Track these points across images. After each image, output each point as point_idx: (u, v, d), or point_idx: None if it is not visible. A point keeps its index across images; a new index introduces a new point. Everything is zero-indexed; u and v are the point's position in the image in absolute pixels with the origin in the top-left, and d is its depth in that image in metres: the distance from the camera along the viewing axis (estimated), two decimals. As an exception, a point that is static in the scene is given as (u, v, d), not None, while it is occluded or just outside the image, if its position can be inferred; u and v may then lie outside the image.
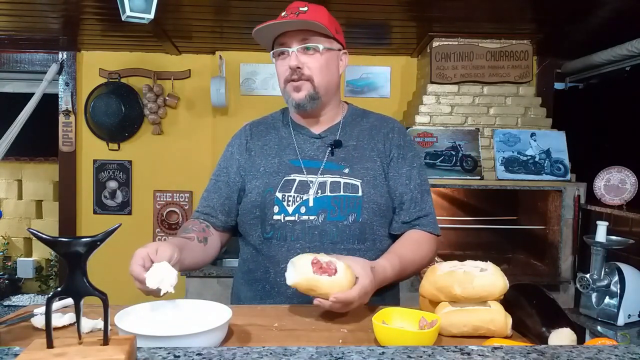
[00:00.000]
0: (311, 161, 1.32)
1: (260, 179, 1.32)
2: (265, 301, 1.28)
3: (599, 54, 2.96)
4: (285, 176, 1.30)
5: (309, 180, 1.29)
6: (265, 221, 1.28)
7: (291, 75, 1.28)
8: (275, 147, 1.36)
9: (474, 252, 3.24)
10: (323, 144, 1.34)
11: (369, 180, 1.30)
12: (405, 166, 1.35)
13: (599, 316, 2.28)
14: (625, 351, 0.70)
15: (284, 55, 1.30)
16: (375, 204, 1.29)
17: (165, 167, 3.44)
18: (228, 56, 3.32)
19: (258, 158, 1.36)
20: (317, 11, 1.29)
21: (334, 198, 1.27)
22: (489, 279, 0.98)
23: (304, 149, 1.34)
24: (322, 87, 1.30)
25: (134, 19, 1.35)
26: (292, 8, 1.29)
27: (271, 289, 1.28)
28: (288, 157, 1.33)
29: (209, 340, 0.86)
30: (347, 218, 1.27)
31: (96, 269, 2.35)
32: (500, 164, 2.86)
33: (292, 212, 1.27)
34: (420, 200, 1.33)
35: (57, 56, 3.37)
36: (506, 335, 0.97)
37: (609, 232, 2.29)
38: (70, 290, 0.65)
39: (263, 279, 1.30)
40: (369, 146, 1.35)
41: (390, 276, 1.17)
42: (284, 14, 1.29)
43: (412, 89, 3.38)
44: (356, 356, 0.67)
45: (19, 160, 4.14)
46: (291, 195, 1.28)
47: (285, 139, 1.37)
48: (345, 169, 1.31)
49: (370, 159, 1.33)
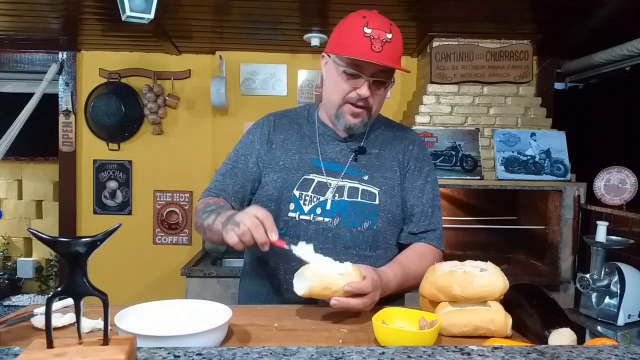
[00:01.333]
0: (332, 163, 1.32)
1: (279, 173, 1.31)
2: (273, 298, 1.28)
3: (599, 54, 2.96)
4: (305, 175, 1.29)
5: (328, 182, 1.29)
6: (280, 217, 1.27)
7: (356, 101, 1.25)
8: (297, 144, 1.35)
9: (474, 252, 3.24)
10: (347, 148, 1.34)
11: (386, 190, 1.31)
12: (420, 179, 1.36)
13: (599, 316, 2.28)
14: (625, 351, 0.70)
15: (354, 78, 1.23)
16: (390, 213, 1.30)
17: (165, 167, 3.44)
18: (228, 56, 3.32)
19: (278, 151, 1.34)
20: (397, 41, 1.23)
21: (350, 203, 1.27)
22: (489, 279, 0.98)
23: (326, 150, 1.34)
24: (374, 114, 1.31)
25: (134, 19, 1.35)
26: (379, 32, 1.19)
27: (279, 285, 1.28)
28: (309, 155, 1.32)
29: (209, 340, 0.86)
30: (361, 224, 1.27)
31: (96, 269, 2.36)
32: (500, 164, 2.86)
33: (308, 212, 1.26)
34: (430, 215, 1.35)
35: (57, 56, 3.37)
36: (506, 335, 0.97)
37: (609, 232, 2.29)
38: (70, 290, 0.65)
39: (272, 275, 1.30)
40: (390, 156, 1.36)
41: (393, 284, 1.17)
42: (368, 32, 1.19)
43: (412, 89, 3.38)
44: (356, 356, 0.67)
45: (19, 160, 4.14)
46: (309, 194, 1.28)
47: (308, 137, 1.36)
48: (364, 176, 1.31)
49: (390, 168, 1.34)
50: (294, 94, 3.41)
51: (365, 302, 1.04)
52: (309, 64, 3.40)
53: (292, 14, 2.60)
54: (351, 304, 1.02)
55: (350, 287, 1.00)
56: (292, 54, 3.36)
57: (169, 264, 3.41)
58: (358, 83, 1.24)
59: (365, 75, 1.22)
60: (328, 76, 1.32)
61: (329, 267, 1.03)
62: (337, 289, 1.00)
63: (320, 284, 1.00)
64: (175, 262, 3.35)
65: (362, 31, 1.20)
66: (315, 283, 1.00)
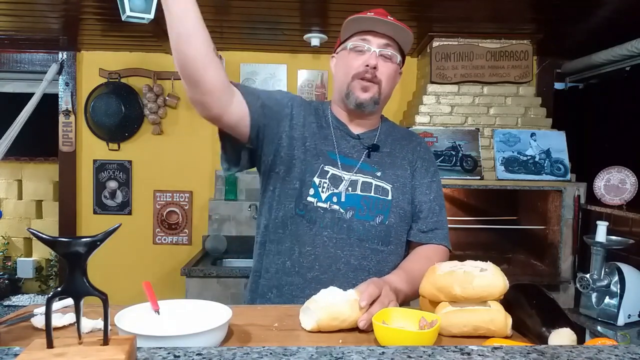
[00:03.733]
0: (347, 158, 1.33)
1: (306, 153, 1.31)
2: (283, 279, 1.28)
3: (599, 54, 2.96)
4: (323, 164, 1.30)
5: (342, 176, 1.30)
6: (301, 198, 1.28)
7: (365, 73, 1.28)
8: (317, 133, 1.35)
9: (474, 252, 3.24)
10: (360, 145, 1.35)
11: (398, 187, 1.33)
12: (428, 177, 1.38)
13: (599, 316, 2.28)
14: (625, 351, 0.70)
15: (361, 52, 1.30)
16: (402, 209, 1.32)
17: (165, 167, 3.44)
18: (228, 56, 3.33)
19: (306, 132, 1.33)
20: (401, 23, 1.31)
21: (363, 197, 1.29)
22: (489, 279, 0.98)
23: (341, 145, 1.35)
24: (384, 95, 1.33)
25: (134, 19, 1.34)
26: (380, 13, 1.29)
27: (292, 266, 1.28)
28: (326, 147, 1.34)
29: (209, 340, 0.86)
30: (374, 219, 1.28)
31: (96, 269, 2.36)
32: (500, 164, 2.86)
33: (325, 199, 1.27)
34: (438, 212, 1.37)
35: (57, 56, 3.37)
36: (506, 335, 0.97)
37: (609, 232, 2.29)
38: (70, 290, 0.65)
39: (286, 254, 1.29)
40: (400, 154, 1.38)
41: (401, 286, 1.16)
42: (371, 15, 1.28)
43: (412, 89, 3.38)
44: (356, 356, 0.67)
45: (19, 160, 4.14)
46: (326, 181, 1.28)
47: (324, 130, 1.37)
48: (377, 172, 1.32)
49: (401, 166, 1.36)
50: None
51: (383, 301, 1.04)
52: (309, 64, 3.40)
53: (292, 14, 2.60)
54: (373, 311, 1.00)
55: (363, 297, 1.00)
56: (292, 54, 3.36)
57: (169, 264, 3.41)
58: (366, 56, 1.28)
59: (372, 47, 1.28)
60: (337, 67, 1.37)
61: (334, 296, 1.01)
62: (345, 318, 0.98)
63: (328, 316, 0.97)
64: (175, 262, 3.35)
65: (365, 14, 1.29)
66: (323, 315, 0.97)
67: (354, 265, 1.26)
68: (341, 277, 1.25)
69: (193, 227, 3.47)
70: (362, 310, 0.99)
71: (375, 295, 1.03)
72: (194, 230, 3.47)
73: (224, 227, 3.30)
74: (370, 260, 1.28)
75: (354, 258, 1.27)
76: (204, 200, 3.44)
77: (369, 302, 1.00)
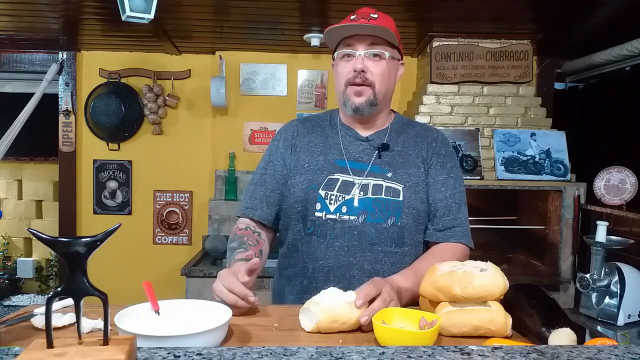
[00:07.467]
0: (357, 162, 1.34)
1: (305, 175, 1.34)
2: (303, 297, 1.28)
3: (599, 54, 2.96)
4: (329, 175, 1.31)
5: (353, 181, 1.30)
6: (307, 217, 1.30)
7: (354, 79, 1.30)
8: (321, 145, 1.37)
9: (474, 252, 3.22)
10: (370, 147, 1.36)
11: (410, 186, 1.32)
12: (443, 174, 1.36)
13: (599, 316, 2.28)
14: (625, 351, 0.70)
15: (349, 58, 1.31)
16: (414, 209, 1.31)
17: (165, 167, 3.44)
18: (228, 56, 3.32)
19: (303, 154, 1.37)
20: (386, 20, 1.31)
21: (375, 200, 1.29)
22: (489, 279, 0.98)
23: (350, 150, 1.35)
24: (381, 94, 1.33)
25: (134, 19, 1.34)
26: (363, 13, 1.30)
27: (309, 284, 1.29)
28: (333, 156, 1.35)
29: (209, 340, 0.86)
30: (386, 221, 1.28)
31: (96, 269, 2.36)
32: (500, 164, 2.86)
33: (334, 211, 1.28)
34: (455, 210, 1.35)
35: (57, 56, 3.37)
36: (506, 335, 0.97)
37: (609, 232, 2.29)
38: (70, 290, 0.65)
39: (301, 274, 1.31)
40: (413, 153, 1.37)
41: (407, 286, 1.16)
42: (354, 17, 1.30)
43: (412, 89, 3.38)
44: (356, 356, 0.67)
45: (19, 160, 4.14)
46: (334, 194, 1.29)
47: (331, 139, 1.38)
48: (388, 173, 1.32)
49: (414, 165, 1.35)
50: (294, 94, 3.41)
51: (385, 298, 1.04)
52: (309, 64, 3.40)
53: (292, 14, 2.60)
54: (375, 307, 1.00)
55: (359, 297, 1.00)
56: (292, 54, 3.36)
57: (169, 264, 3.41)
58: (353, 62, 1.30)
59: (357, 50, 1.29)
60: (334, 76, 1.39)
61: (334, 297, 1.01)
62: (345, 320, 0.98)
63: (328, 317, 0.97)
64: (175, 262, 3.35)
65: (348, 18, 1.32)
66: (323, 317, 0.97)
67: (368, 270, 1.26)
68: (356, 284, 1.22)
69: (193, 227, 3.47)
70: (360, 310, 0.99)
71: (373, 294, 1.03)
72: (194, 230, 3.47)
73: (224, 227, 3.30)
74: (384, 263, 1.28)
75: (367, 263, 1.27)
76: (204, 200, 3.44)
77: (365, 302, 1.00)
